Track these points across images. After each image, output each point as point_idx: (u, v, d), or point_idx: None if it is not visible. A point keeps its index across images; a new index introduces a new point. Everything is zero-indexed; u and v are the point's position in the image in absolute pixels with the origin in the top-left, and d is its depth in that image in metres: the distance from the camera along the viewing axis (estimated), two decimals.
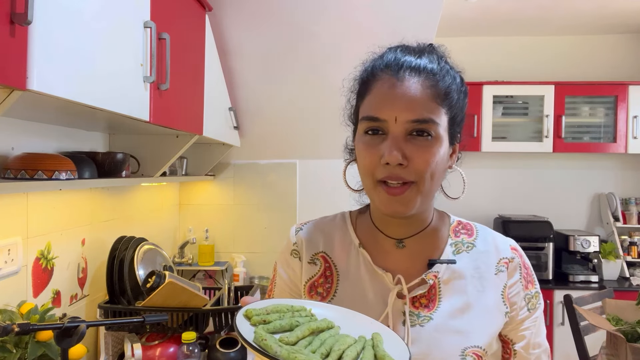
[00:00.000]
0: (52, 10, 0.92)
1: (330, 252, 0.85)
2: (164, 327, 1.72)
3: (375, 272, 0.80)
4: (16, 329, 1.06)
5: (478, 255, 0.82)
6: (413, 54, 0.78)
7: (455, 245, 0.83)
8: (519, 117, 3.53)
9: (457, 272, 0.80)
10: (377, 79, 0.77)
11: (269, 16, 2.21)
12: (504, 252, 0.83)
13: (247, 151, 2.72)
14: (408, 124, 0.73)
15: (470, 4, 3.03)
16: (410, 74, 0.75)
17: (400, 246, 0.82)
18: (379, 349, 0.64)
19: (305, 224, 0.89)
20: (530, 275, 0.84)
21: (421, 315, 0.77)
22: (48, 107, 1.16)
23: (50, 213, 1.54)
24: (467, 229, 0.87)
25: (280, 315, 0.67)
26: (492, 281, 0.80)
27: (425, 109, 0.73)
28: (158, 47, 1.41)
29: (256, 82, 2.44)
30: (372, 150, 0.75)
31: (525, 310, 0.81)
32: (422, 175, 0.73)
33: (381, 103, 0.75)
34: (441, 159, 0.75)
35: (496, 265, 0.82)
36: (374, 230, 0.84)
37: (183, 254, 2.58)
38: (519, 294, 0.81)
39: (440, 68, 0.77)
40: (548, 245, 3.24)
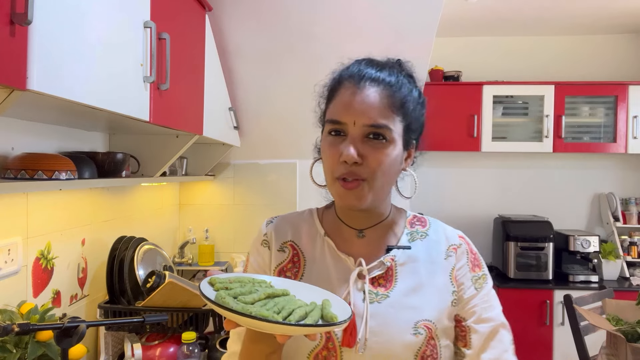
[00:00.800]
0: (52, 10, 0.92)
1: (298, 241, 0.95)
2: (164, 327, 1.72)
3: (339, 257, 0.91)
4: (16, 329, 1.06)
5: (430, 243, 0.94)
6: (375, 67, 0.88)
7: (411, 235, 0.95)
8: (519, 117, 3.53)
9: (411, 256, 0.91)
10: (342, 86, 0.88)
11: (269, 16, 2.21)
12: (452, 240, 0.95)
13: (247, 151, 2.72)
14: (365, 127, 0.83)
15: (470, 4, 3.03)
16: (371, 84, 0.85)
17: (360, 235, 0.93)
18: (325, 310, 0.73)
19: (275, 218, 1.00)
20: (477, 260, 0.95)
21: (379, 294, 0.87)
22: (48, 107, 1.16)
23: (50, 213, 1.54)
24: (422, 221, 0.98)
25: (241, 284, 0.76)
26: (442, 265, 0.91)
27: (380, 116, 0.83)
28: (158, 47, 1.41)
29: (256, 82, 2.44)
30: (334, 149, 0.85)
31: (472, 289, 0.91)
32: (374, 173, 0.84)
33: (343, 108, 0.85)
34: (393, 160, 0.86)
35: (446, 251, 0.93)
36: (337, 221, 0.95)
37: (183, 254, 2.58)
38: (466, 275, 0.92)
39: (397, 81, 0.87)
40: (548, 245, 3.24)
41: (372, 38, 2.26)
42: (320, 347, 0.84)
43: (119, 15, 1.21)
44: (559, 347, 3.13)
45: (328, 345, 0.84)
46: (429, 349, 0.84)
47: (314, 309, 0.73)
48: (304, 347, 0.84)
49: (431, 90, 3.22)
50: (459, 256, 0.93)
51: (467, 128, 3.41)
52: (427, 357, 0.83)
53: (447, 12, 3.06)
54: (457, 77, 3.54)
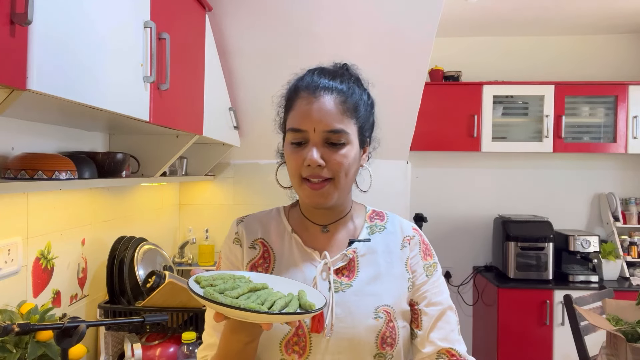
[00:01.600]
0: (52, 10, 0.92)
1: (268, 238, 1.02)
2: (164, 327, 1.72)
3: (305, 251, 0.99)
4: (16, 329, 1.06)
5: (387, 235, 1.02)
6: (328, 76, 0.95)
7: (370, 228, 1.03)
8: (519, 117, 3.53)
9: (371, 248, 1.00)
10: (299, 96, 0.95)
11: (269, 16, 2.21)
12: (406, 232, 1.03)
13: (247, 151, 2.72)
14: (324, 133, 0.91)
15: (470, 4, 3.04)
16: (325, 92, 0.93)
17: (324, 231, 1.01)
18: (302, 299, 0.82)
19: (245, 217, 1.08)
20: (428, 249, 1.04)
21: (343, 283, 0.95)
22: (48, 107, 1.16)
23: (50, 213, 1.54)
24: (380, 215, 1.06)
25: (224, 281, 0.83)
26: (398, 255, 1.00)
27: (337, 121, 0.91)
28: (158, 47, 1.41)
29: (256, 82, 2.44)
30: (297, 155, 0.93)
31: (423, 276, 1.00)
32: (337, 173, 0.92)
33: (302, 117, 0.92)
34: (353, 160, 0.94)
35: (401, 242, 1.02)
36: (303, 219, 1.03)
37: (183, 254, 2.58)
38: (419, 263, 1.01)
39: (349, 87, 0.95)
40: (548, 245, 3.24)
41: (372, 38, 2.26)
42: (291, 334, 0.91)
43: (119, 15, 1.21)
44: (559, 347, 3.13)
45: (298, 332, 0.91)
46: (388, 331, 0.92)
47: (292, 299, 0.81)
48: (275, 336, 0.91)
49: (431, 90, 3.22)
50: (412, 246, 1.01)
51: (467, 128, 3.41)
52: (386, 337, 0.92)
53: (447, 12, 3.06)
54: (457, 77, 3.54)
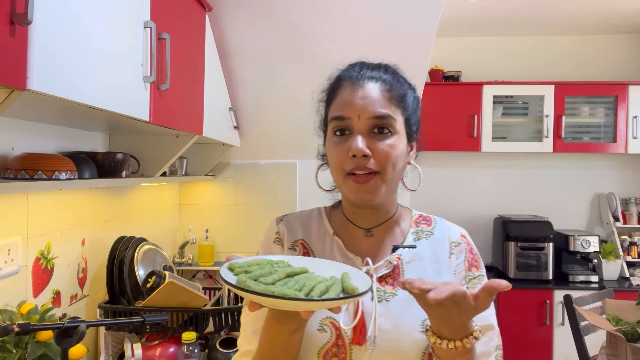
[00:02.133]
0: (52, 11, 0.92)
1: (308, 239, 0.96)
2: (164, 327, 1.72)
3: (347, 256, 0.92)
4: (16, 329, 1.06)
5: (435, 242, 0.95)
6: (370, 68, 0.92)
7: (416, 234, 0.96)
8: (519, 117, 3.53)
9: (417, 255, 0.93)
10: (341, 86, 0.90)
11: (269, 16, 2.21)
12: (454, 238, 0.96)
13: (247, 151, 2.71)
14: (370, 119, 0.85)
15: (470, 4, 3.03)
16: (370, 80, 0.88)
17: (368, 235, 0.95)
18: (345, 282, 0.74)
19: (285, 216, 1.01)
20: (475, 260, 0.96)
21: (387, 292, 0.89)
22: (48, 107, 1.16)
23: (50, 213, 1.54)
24: (427, 220, 0.99)
25: (260, 267, 0.77)
26: (447, 263, 0.93)
27: (383, 107, 0.86)
28: (158, 47, 1.41)
29: (256, 82, 2.44)
30: (341, 147, 0.87)
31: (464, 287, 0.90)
32: (384, 165, 0.85)
33: (346, 104, 0.87)
34: (401, 152, 0.88)
35: (449, 250, 0.94)
36: (345, 221, 0.97)
37: (183, 254, 2.58)
38: (462, 273, 0.93)
39: (393, 77, 0.91)
40: (548, 245, 3.24)
41: (372, 38, 2.26)
42: (330, 344, 0.85)
43: (119, 15, 1.21)
44: (559, 347, 3.13)
45: (338, 343, 0.85)
46: None
47: (334, 283, 0.74)
48: (314, 345, 0.85)
49: (431, 90, 3.22)
50: (457, 254, 0.94)
51: (467, 128, 3.41)
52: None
53: (447, 12, 3.06)
54: (457, 77, 3.54)
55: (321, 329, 0.86)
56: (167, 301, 1.67)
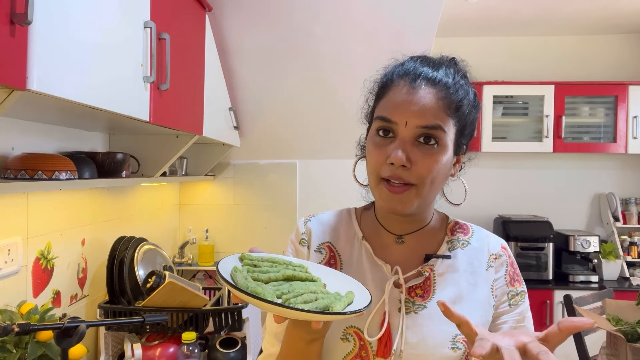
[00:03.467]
0: (52, 10, 0.92)
1: (336, 242, 0.91)
2: (164, 327, 1.72)
3: (375, 263, 0.87)
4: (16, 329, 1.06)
5: (472, 252, 0.89)
6: (431, 66, 0.83)
7: (451, 243, 0.90)
8: (519, 117, 3.53)
9: (451, 266, 0.86)
10: (395, 84, 0.82)
11: (269, 16, 2.21)
12: (493, 249, 0.90)
13: (247, 151, 2.72)
14: (417, 129, 0.78)
15: (470, 4, 3.03)
16: (426, 84, 0.80)
17: (400, 241, 0.89)
18: (335, 301, 0.67)
19: (313, 216, 0.96)
20: (517, 274, 0.90)
21: (416, 304, 0.83)
22: (48, 107, 1.16)
23: (50, 213, 1.54)
24: (464, 228, 0.93)
25: (272, 265, 0.72)
26: (484, 276, 0.87)
27: (434, 117, 0.78)
28: (158, 47, 1.41)
29: (256, 82, 2.44)
30: (381, 150, 0.80)
31: (506, 305, 0.87)
32: (422, 179, 0.79)
33: (395, 106, 0.80)
34: (443, 166, 0.81)
35: (487, 262, 0.88)
36: (376, 225, 0.91)
37: (183, 254, 2.58)
38: (502, 288, 0.87)
39: (454, 82, 0.82)
40: (548, 245, 3.24)
41: (372, 38, 2.26)
42: (353, 354, 0.81)
43: (119, 15, 1.21)
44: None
45: (361, 354, 0.81)
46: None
47: (328, 298, 0.68)
48: (336, 354, 0.82)
49: None
50: (497, 267, 0.88)
51: None
52: None
53: (447, 12, 3.06)
54: None
55: (344, 338, 0.82)
56: (167, 301, 1.67)
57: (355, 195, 0.98)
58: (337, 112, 2.45)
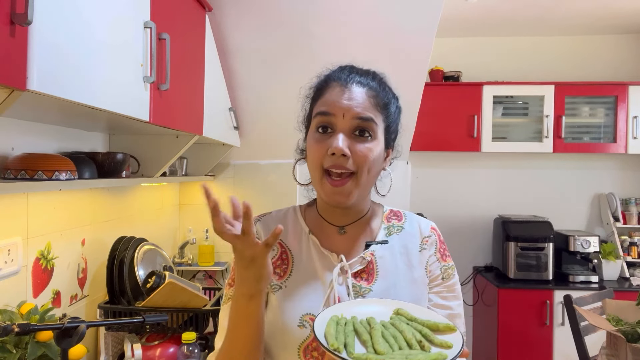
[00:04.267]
0: (52, 10, 0.92)
1: (285, 239, 1.00)
2: (164, 327, 1.72)
3: (322, 254, 0.95)
4: (16, 329, 1.06)
5: (406, 236, 0.99)
6: (359, 73, 0.95)
7: (388, 229, 0.99)
8: (519, 117, 3.53)
9: (389, 250, 0.96)
10: (329, 86, 0.94)
11: (269, 16, 2.21)
12: (425, 232, 1.00)
13: (247, 151, 2.71)
14: (353, 120, 0.88)
15: (470, 4, 3.03)
16: (357, 84, 0.92)
17: (342, 232, 0.98)
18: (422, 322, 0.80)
19: (262, 216, 1.05)
20: (446, 250, 1.00)
21: (363, 287, 0.92)
22: (48, 107, 1.16)
23: (50, 213, 1.54)
24: (397, 215, 1.03)
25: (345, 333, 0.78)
26: (418, 257, 0.97)
27: (367, 110, 0.89)
28: (158, 47, 1.41)
29: (256, 82, 2.44)
30: (322, 144, 0.90)
31: (439, 279, 0.96)
32: (361, 167, 0.88)
33: (332, 102, 0.91)
34: (377, 156, 0.91)
35: (420, 244, 0.98)
36: (320, 219, 1.00)
37: (183, 254, 2.58)
38: (435, 264, 0.97)
39: (379, 85, 0.95)
40: (548, 245, 3.24)
41: (372, 38, 2.26)
42: (310, 339, 0.87)
43: (119, 16, 1.21)
44: (559, 347, 3.13)
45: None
46: None
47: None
48: (294, 340, 0.88)
49: (431, 90, 3.22)
50: (429, 246, 0.98)
51: (467, 128, 3.41)
52: None
53: (447, 12, 3.06)
54: (457, 78, 3.54)
55: (301, 324, 0.88)
56: (167, 301, 1.67)
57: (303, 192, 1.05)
58: None
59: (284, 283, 0.94)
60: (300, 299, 0.91)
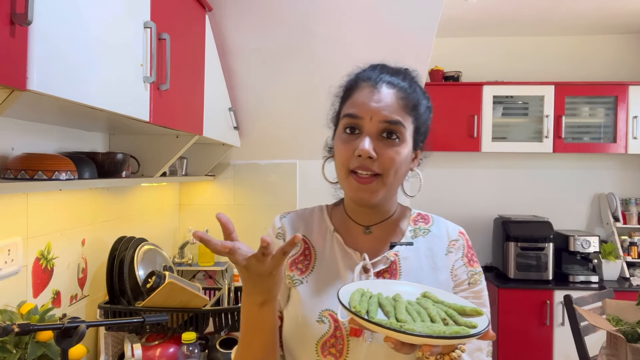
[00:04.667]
0: (52, 10, 0.92)
1: (309, 235, 0.99)
2: (164, 327, 1.72)
3: (346, 252, 0.95)
4: (16, 329, 1.06)
5: (432, 239, 0.98)
6: (390, 72, 0.94)
7: (414, 231, 0.99)
8: (519, 117, 3.53)
9: (414, 252, 0.95)
10: (359, 86, 0.93)
11: (269, 16, 2.21)
12: (452, 235, 0.99)
13: (247, 151, 2.71)
14: (380, 123, 0.88)
15: (470, 4, 3.03)
16: (387, 86, 0.91)
17: (367, 232, 0.98)
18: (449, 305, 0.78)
19: (288, 213, 1.05)
20: (473, 255, 0.98)
21: None
22: (48, 107, 1.16)
23: (50, 213, 1.54)
24: (425, 218, 1.02)
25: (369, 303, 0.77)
26: (443, 261, 0.95)
27: (395, 113, 0.89)
28: (158, 47, 1.41)
29: (256, 82, 2.44)
30: (348, 145, 0.90)
31: (466, 284, 0.94)
32: (387, 169, 0.88)
33: (360, 104, 0.90)
34: (404, 159, 0.91)
35: (447, 247, 0.97)
36: (346, 218, 1.00)
37: (183, 254, 2.58)
38: (461, 268, 0.95)
39: (410, 85, 0.93)
40: (548, 245, 3.24)
41: (372, 38, 2.26)
42: (329, 335, 0.87)
43: (119, 16, 1.21)
44: (559, 347, 3.13)
45: (336, 334, 0.87)
46: None
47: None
48: (313, 335, 0.88)
49: (431, 90, 3.18)
50: (456, 250, 0.97)
51: (467, 128, 3.41)
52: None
53: (447, 12, 3.06)
54: (457, 78, 3.54)
55: (320, 320, 0.89)
56: (167, 301, 1.67)
57: (332, 190, 1.04)
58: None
59: (305, 278, 0.94)
60: (321, 294, 0.91)
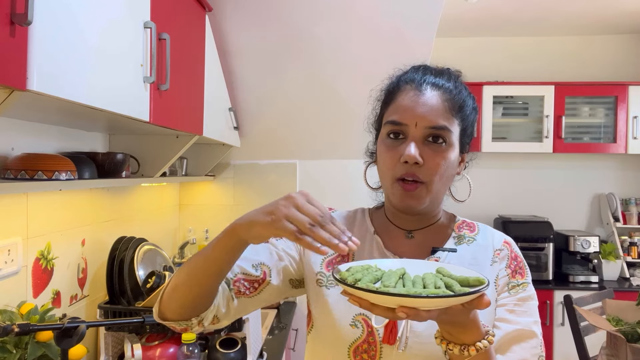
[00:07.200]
0: (52, 10, 0.92)
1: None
2: (164, 327, 1.71)
3: (385, 255, 0.92)
4: (16, 329, 1.06)
5: (477, 248, 0.93)
6: (433, 73, 0.91)
7: (458, 238, 0.94)
8: (519, 117, 3.53)
9: (457, 259, 0.91)
10: (402, 90, 0.89)
11: (269, 16, 2.21)
12: (497, 245, 0.94)
13: (247, 151, 2.72)
14: (426, 129, 0.85)
15: (470, 4, 3.03)
16: (431, 88, 0.87)
17: (409, 236, 0.94)
18: (452, 276, 0.73)
19: (332, 210, 0.99)
20: (520, 267, 0.92)
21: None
22: (48, 107, 1.16)
23: (50, 213, 1.54)
24: (470, 226, 0.98)
25: (363, 273, 0.74)
26: (488, 271, 0.90)
27: (441, 118, 0.85)
28: (158, 47, 1.41)
29: (256, 82, 2.44)
30: (393, 151, 0.87)
31: (506, 293, 0.89)
32: (432, 176, 0.85)
33: (404, 110, 0.87)
34: (451, 163, 0.88)
35: (492, 257, 0.92)
36: (387, 222, 0.97)
37: (183, 254, 2.58)
38: (504, 279, 0.90)
39: (455, 86, 0.90)
40: (548, 245, 3.24)
41: (372, 38, 2.26)
42: (361, 340, 0.85)
43: (119, 16, 1.21)
44: (559, 347, 3.13)
45: (369, 340, 0.85)
46: None
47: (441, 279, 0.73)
48: (345, 340, 0.86)
49: None
50: (500, 260, 0.92)
51: None
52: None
53: (447, 12, 3.06)
54: None
55: (353, 324, 0.86)
56: None
57: (355, 196, 1.03)
58: (337, 112, 2.45)
59: None
60: None
